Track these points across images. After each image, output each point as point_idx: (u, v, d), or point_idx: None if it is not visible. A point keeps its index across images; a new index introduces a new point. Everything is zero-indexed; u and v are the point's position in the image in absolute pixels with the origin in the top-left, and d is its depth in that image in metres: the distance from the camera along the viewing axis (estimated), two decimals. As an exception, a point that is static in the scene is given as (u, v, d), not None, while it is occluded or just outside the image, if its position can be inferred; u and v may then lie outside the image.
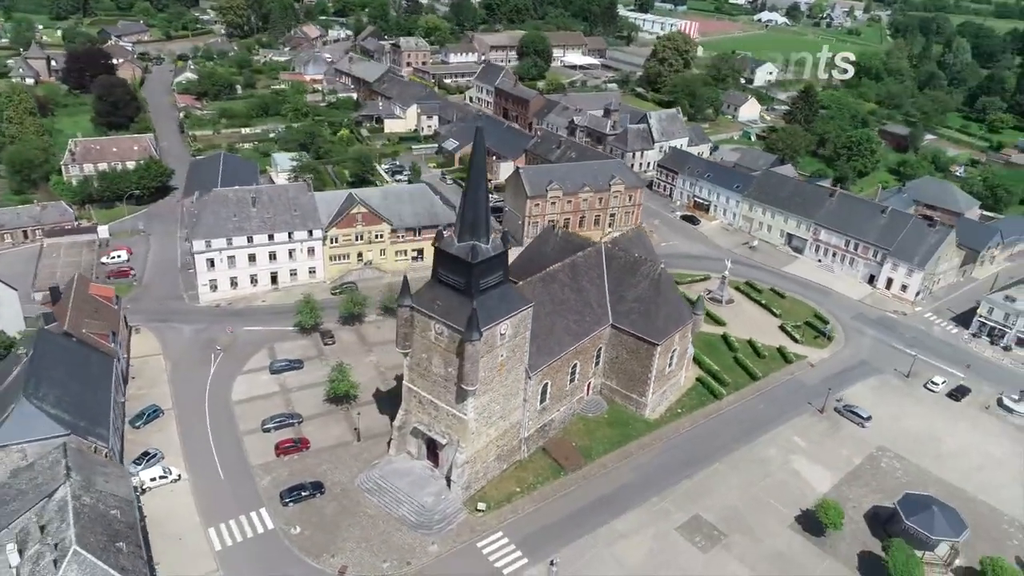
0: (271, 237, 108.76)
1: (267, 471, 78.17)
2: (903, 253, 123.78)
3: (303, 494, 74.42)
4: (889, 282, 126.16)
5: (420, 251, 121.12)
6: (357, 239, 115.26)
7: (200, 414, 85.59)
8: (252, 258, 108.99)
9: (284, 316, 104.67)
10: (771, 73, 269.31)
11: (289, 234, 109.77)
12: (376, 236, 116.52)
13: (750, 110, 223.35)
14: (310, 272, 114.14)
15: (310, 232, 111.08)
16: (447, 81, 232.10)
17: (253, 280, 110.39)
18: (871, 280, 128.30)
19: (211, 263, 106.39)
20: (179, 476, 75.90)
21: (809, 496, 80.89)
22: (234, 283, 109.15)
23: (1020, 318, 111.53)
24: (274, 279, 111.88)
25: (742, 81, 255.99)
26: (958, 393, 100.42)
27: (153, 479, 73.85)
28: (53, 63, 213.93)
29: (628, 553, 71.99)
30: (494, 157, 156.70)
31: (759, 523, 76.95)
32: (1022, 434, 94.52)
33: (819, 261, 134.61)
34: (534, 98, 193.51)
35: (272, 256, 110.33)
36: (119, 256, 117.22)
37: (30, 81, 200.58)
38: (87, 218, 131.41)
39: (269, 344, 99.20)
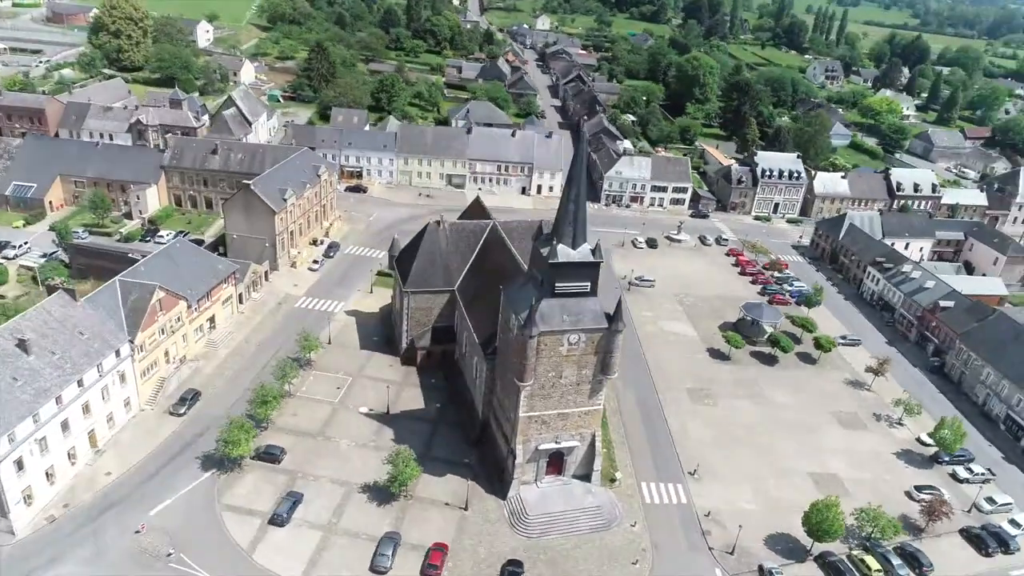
0: (80, 383, 71.51)
1: (450, 595, 64.82)
2: (543, 163, 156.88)
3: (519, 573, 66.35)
4: (539, 188, 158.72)
5: (212, 318, 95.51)
6: (160, 334, 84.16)
7: (292, 618, 61.01)
8: (65, 426, 70.28)
9: (170, 475, 73.73)
10: (208, 32, 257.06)
11: (98, 367, 73.79)
12: (176, 321, 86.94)
13: (248, 73, 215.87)
14: (125, 406, 79.44)
15: (117, 352, 76.59)
16: None
17: (71, 457, 71.76)
18: (524, 191, 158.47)
19: (19, 465, 65.02)
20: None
21: (693, 340, 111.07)
22: (50, 476, 69.22)
23: (627, 184, 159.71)
24: (93, 439, 74.68)
25: (191, 43, 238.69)
26: (651, 242, 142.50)
27: None
28: None
29: (690, 425, 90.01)
30: (132, 186, 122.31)
31: (702, 371, 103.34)
32: (693, 251, 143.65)
33: (479, 189, 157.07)
34: (49, 103, 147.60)
35: (86, 409, 72.92)
36: None
37: None
38: None
39: (212, 509, 70.67)
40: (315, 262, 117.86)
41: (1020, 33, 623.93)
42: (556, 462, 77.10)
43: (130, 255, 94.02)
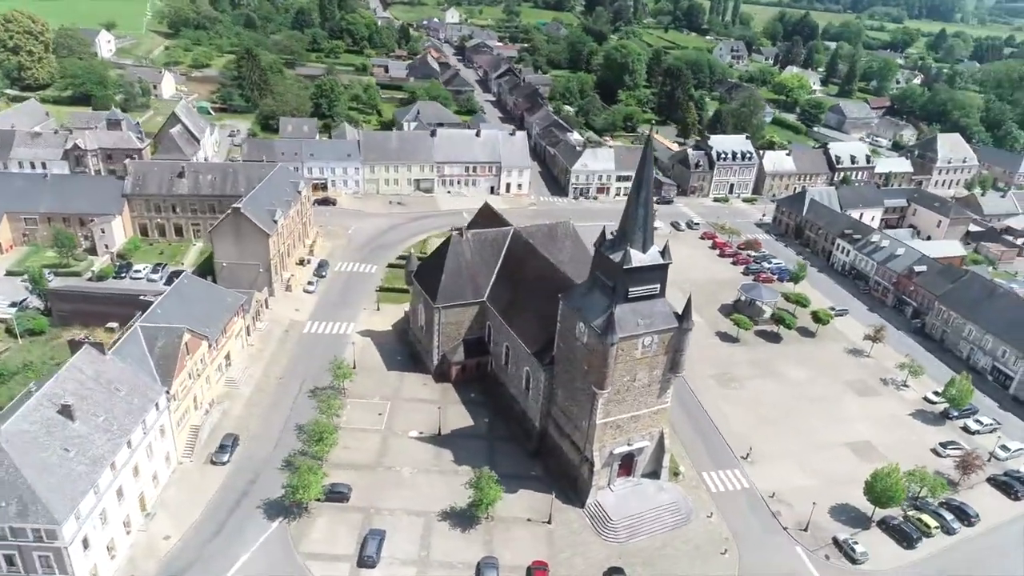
0: (130, 444, 65.42)
1: (564, 613, 64.06)
2: (510, 161, 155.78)
3: (626, 582, 66.54)
4: (508, 187, 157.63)
5: (228, 355, 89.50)
6: (189, 379, 78.09)
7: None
8: (120, 493, 64.18)
9: (235, 530, 69.01)
10: (110, 41, 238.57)
11: (143, 424, 67.73)
12: (201, 363, 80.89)
13: (169, 85, 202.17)
14: (166, 460, 73.41)
15: (157, 405, 70.54)
16: None
17: (126, 525, 65.68)
18: (492, 191, 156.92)
19: (86, 543, 58.91)
20: None
21: (700, 325, 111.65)
22: (111, 550, 63.15)
23: (593, 176, 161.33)
24: (142, 503, 68.65)
25: (94, 55, 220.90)
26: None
27: None
28: None
29: (726, 410, 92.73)
30: (92, 220, 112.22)
31: (718, 355, 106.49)
32: (669, 238, 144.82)
33: (449, 191, 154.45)
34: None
35: (136, 471, 66.84)
36: None
37: None
38: None
39: (293, 559, 66.58)
40: (309, 283, 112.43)
41: (880, 6, 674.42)
42: (627, 463, 77.52)
43: (142, 297, 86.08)
